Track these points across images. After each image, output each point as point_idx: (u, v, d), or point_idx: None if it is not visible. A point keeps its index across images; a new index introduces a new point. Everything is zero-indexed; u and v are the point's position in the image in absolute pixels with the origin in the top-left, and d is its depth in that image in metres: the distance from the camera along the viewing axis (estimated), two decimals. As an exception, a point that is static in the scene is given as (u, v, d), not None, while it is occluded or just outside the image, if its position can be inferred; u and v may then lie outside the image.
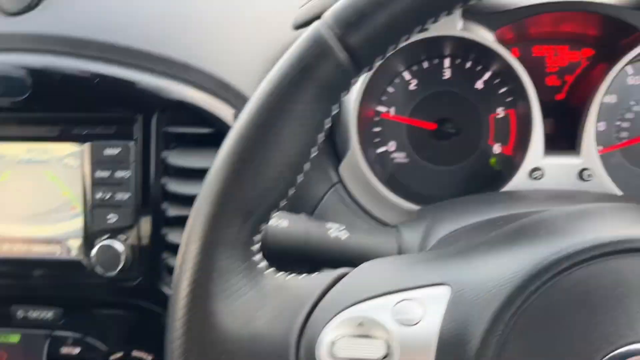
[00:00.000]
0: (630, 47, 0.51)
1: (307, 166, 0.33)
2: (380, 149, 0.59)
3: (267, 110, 0.32)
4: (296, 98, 0.31)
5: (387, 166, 0.58)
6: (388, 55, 0.32)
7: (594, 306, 0.30)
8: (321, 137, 0.33)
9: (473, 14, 0.53)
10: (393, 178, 0.58)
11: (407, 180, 0.58)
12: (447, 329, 0.31)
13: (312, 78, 0.31)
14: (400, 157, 0.59)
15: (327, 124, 0.33)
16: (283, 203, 0.33)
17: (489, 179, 0.56)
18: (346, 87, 0.32)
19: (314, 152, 0.33)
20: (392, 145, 0.59)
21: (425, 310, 0.32)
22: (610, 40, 0.54)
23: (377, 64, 0.32)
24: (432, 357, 0.31)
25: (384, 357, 0.31)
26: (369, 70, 0.33)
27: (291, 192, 0.33)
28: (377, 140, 0.59)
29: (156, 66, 0.51)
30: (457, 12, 0.52)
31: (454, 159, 0.58)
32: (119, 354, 0.53)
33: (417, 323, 0.32)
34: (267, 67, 0.34)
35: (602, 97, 0.51)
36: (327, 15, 0.31)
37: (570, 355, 0.30)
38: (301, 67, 0.31)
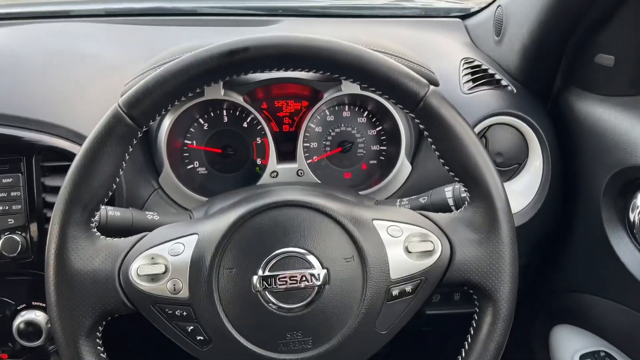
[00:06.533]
0: (319, 100, 0.93)
1: (117, 179, 0.62)
2: (189, 167, 0.95)
3: (91, 150, 0.57)
4: (105, 143, 0.57)
5: (195, 176, 0.95)
6: (164, 113, 0.61)
7: (271, 229, 0.61)
8: (124, 164, 0.60)
9: (229, 85, 0.91)
10: (200, 184, 0.95)
11: (207, 184, 0.95)
12: (195, 255, 0.60)
13: (113, 134, 0.57)
14: (202, 170, 0.96)
15: (127, 157, 0.60)
16: (107, 199, 0.60)
17: (253, 179, 0.95)
18: (134, 137, 0.59)
19: (121, 172, 0.60)
20: (196, 164, 0.95)
21: (184, 247, 0.61)
22: (314, 96, 0.96)
23: (153, 122, 0.59)
24: (187, 269, 0.60)
25: (163, 272, 0.60)
26: (147, 126, 0.59)
27: (110, 193, 0.62)
28: (186, 161, 0.95)
29: (32, 126, 0.83)
30: (220, 85, 0.90)
31: (234, 169, 0.96)
32: (23, 305, 0.84)
33: (180, 254, 0.60)
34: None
35: (304, 128, 0.92)
36: (121, 100, 0.58)
37: (260, 247, 0.60)
38: (108, 128, 0.57)
